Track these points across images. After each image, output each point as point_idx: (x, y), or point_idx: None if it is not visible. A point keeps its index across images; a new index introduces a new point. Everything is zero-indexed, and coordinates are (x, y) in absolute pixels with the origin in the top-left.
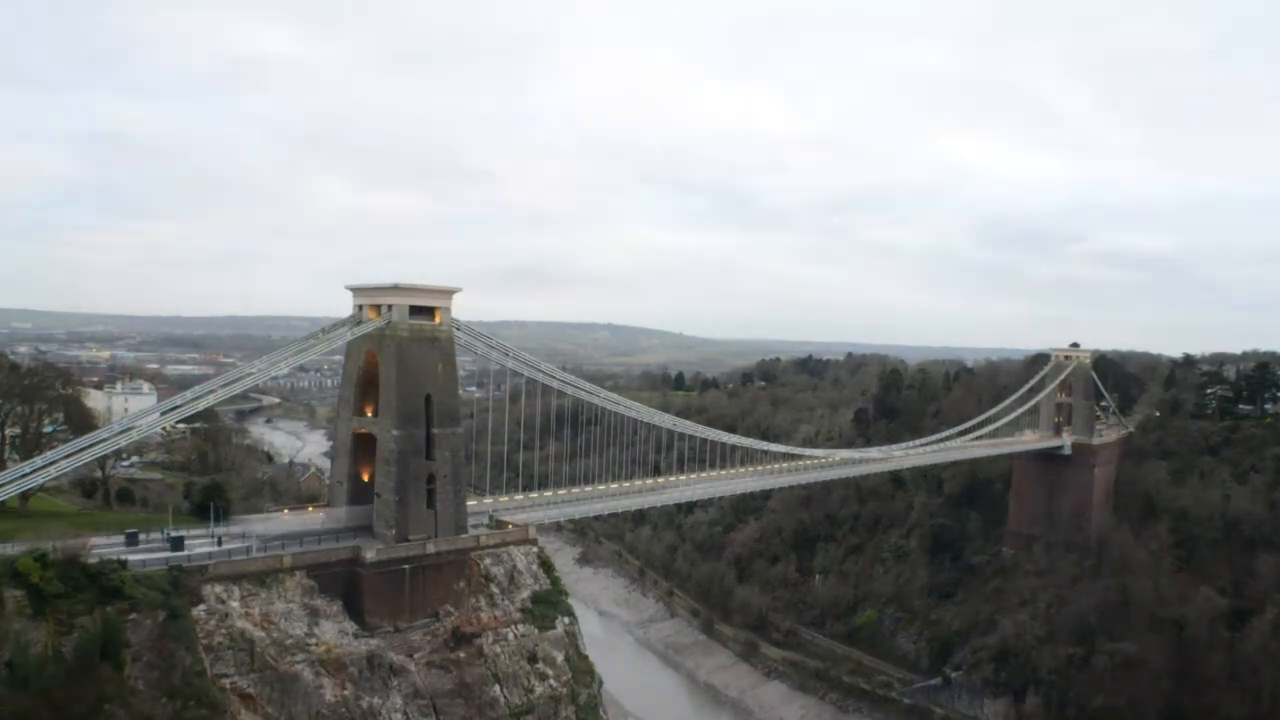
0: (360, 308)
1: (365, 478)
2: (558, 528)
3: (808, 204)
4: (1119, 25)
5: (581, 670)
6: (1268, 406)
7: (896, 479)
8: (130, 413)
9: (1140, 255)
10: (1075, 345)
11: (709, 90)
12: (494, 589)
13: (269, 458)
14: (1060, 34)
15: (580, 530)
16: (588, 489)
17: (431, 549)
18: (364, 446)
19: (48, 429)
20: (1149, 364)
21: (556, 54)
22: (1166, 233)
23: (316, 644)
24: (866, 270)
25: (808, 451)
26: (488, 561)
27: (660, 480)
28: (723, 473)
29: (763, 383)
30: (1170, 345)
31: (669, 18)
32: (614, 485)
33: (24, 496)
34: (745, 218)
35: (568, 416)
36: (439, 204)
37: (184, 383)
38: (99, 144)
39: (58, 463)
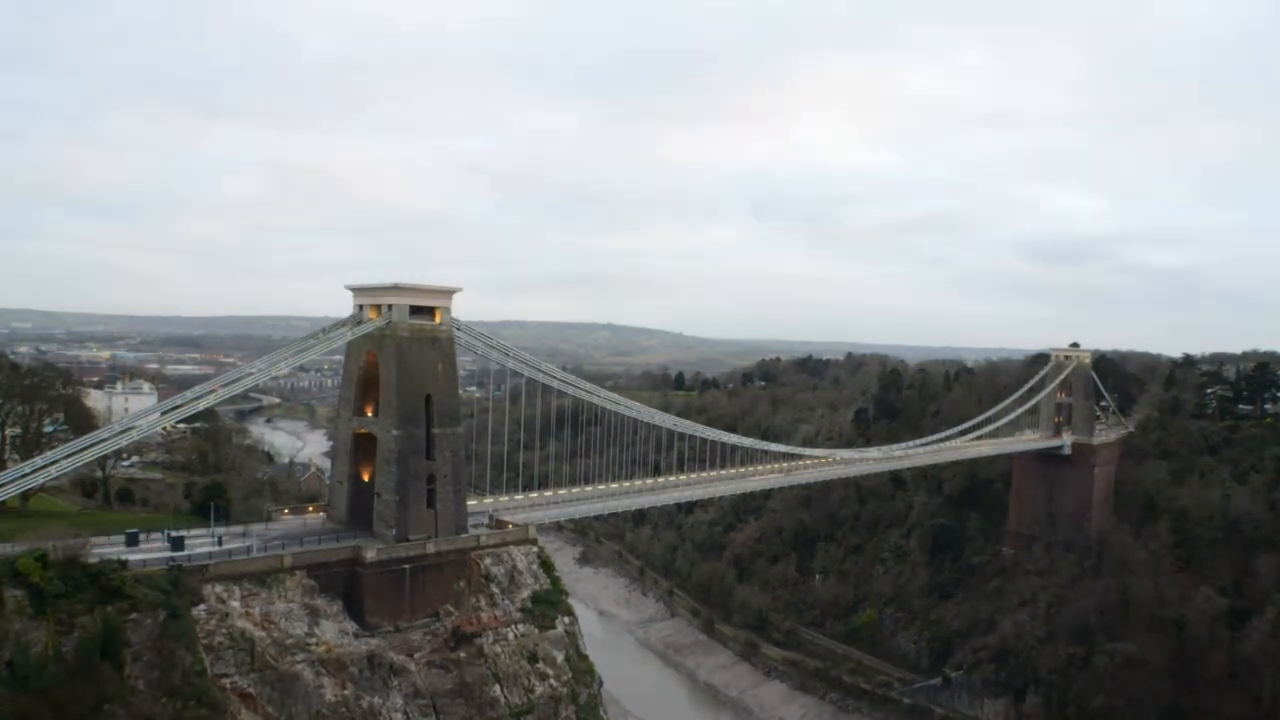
0: (360, 307)
1: (365, 478)
2: (558, 528)
3: (883, 224)
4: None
5: (581, 670)
6: (1268, 406)
7: (896, 479)
8: (130, 413)
9: (1161, 268)
10: (1075, 345)
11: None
12: (494, 589)
13: (269, 458)
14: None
15: (580, 530)
16: (588, 489)
17: (432, 549)
18: (364, 446)
19: (48, 429)
20: (1149, 364)
21: None
22: (1191, 250)
23: (317, 644)
24: (918, 279)
25: (808, 451)
26: (488, 561)
27: (660, 480)
28: (723, 473)
29: (763, 383)
30: (1170, 345)
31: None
32: (614, 485)
33: (24, 496)
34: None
35: (568, 416)
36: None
37: (184, 383)
38: None
39: (58, 463)
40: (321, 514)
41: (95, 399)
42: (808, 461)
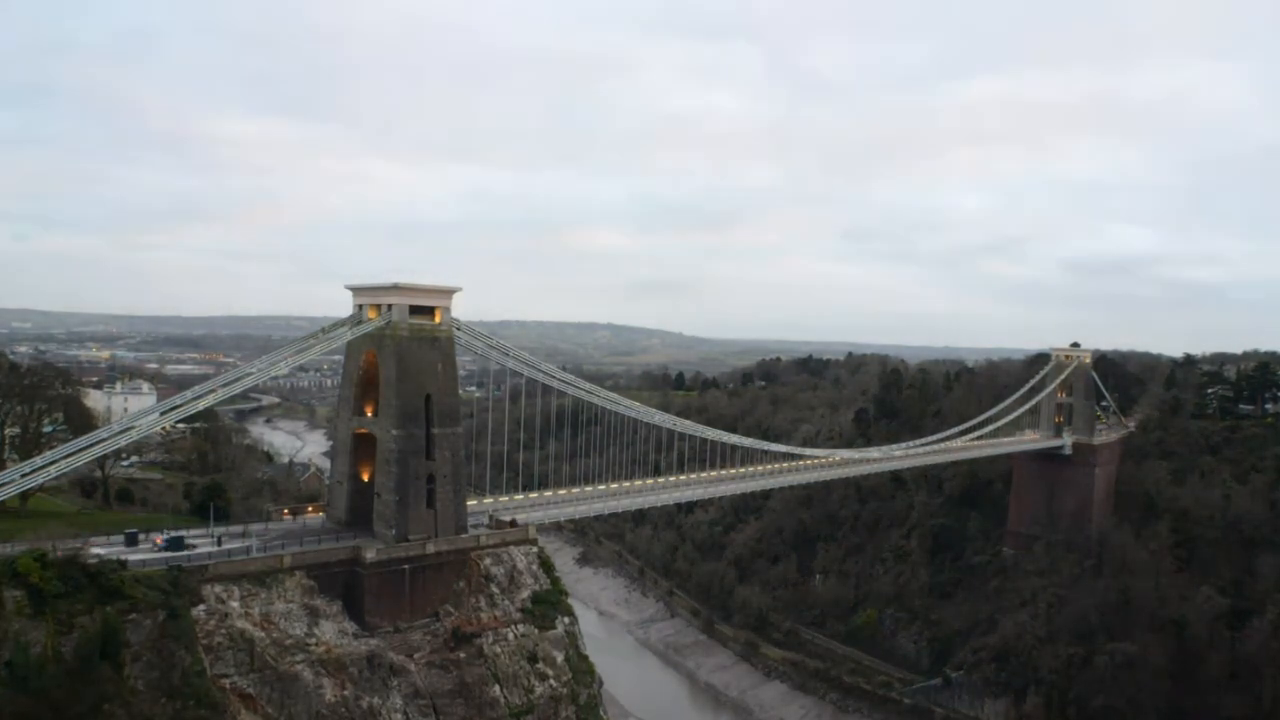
0: (360, 307)
1: (365, 477)
2: (558, 528)
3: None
4: None
5: (581, 670)
6: (1268, 406)
7: (897, 479)
8: (130, 413)
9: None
10: (1076, 345)
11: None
12: (494, 589)
13: (269, 458)
14: None
15: (580, 530)
16: (588, 489)
17: (431, 549)
18: (364, 446)
19: (47, 429)
20: (1149, 364)
21: None
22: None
23: (316, 644)
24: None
25: (808, 451)
26: (488, 561)
27: (660, 480)
28: (723, 473)
29: (763, 383)
30: (1170, 345)
31: None
32: (614, 485)
33: (24, 496)
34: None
35: (568, 416)
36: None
37: (184, 383)
38: None
39: (58, 463)
40: (321, 514)
41: (94, 399)
42: (808, 461)
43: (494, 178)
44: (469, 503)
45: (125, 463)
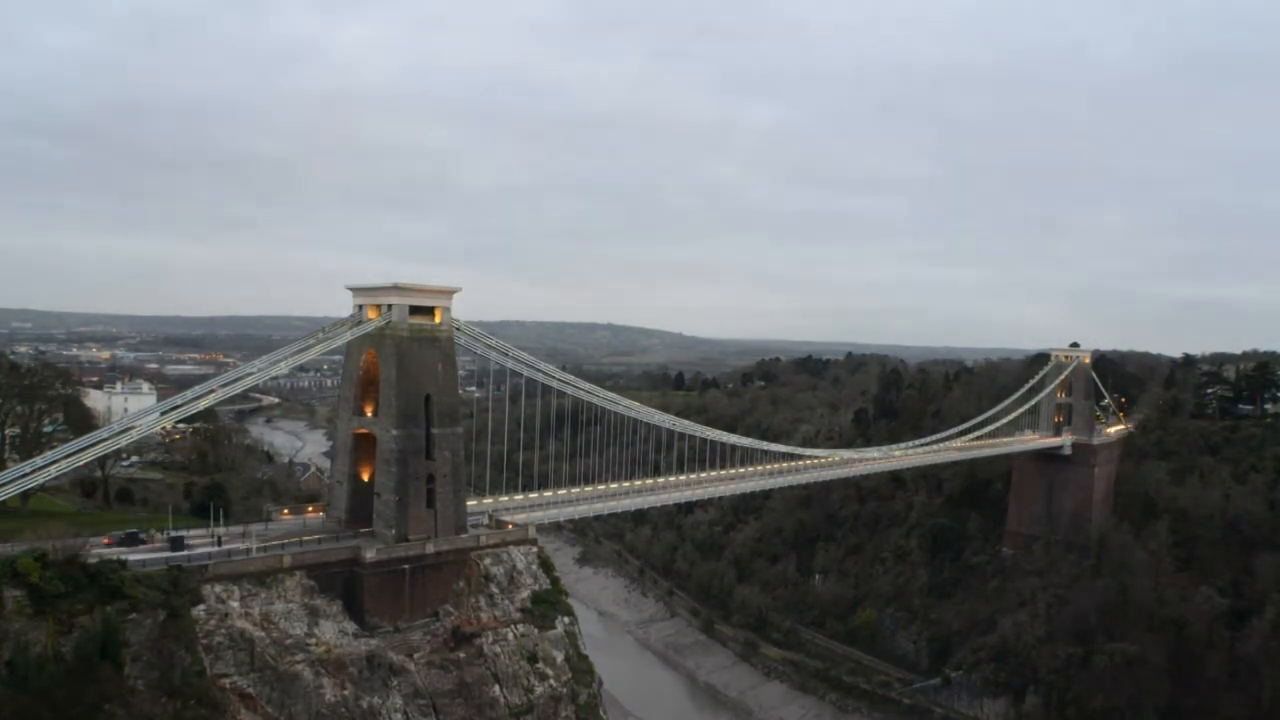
0: (360, 307)
1: (365, 477)
2: (558, 528)
3: None
4: None
5: (581, 670)
6: (1267, 406)
7: (896, 479)
8: (130, 413)
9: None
10: (1075, 345)
11: None
12: (494, 589)
13: (269, 458)
14: None
15: (580, 530)
16: (588, 489)
17: (431, 549)
18: (364, 446)
19: (48, 429)
20: (1149, 364)
21: None
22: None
23: (316, 644)
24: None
25: (808, 451)
26: (487, 561)
27: (660, 480)
28: (723, 473)
29: (763, 383)
30: (1170, 345)
31: None
32: (614, 485)
33: (24, 496)
34: None
35: (568, 416)
36: None
37: (184, 383)
38: None
39: (58, 463)
40: (321, 514)
41: (95, 399)
42: (807, 461)
43: None
44: (469, 503)
45: (125, 463)
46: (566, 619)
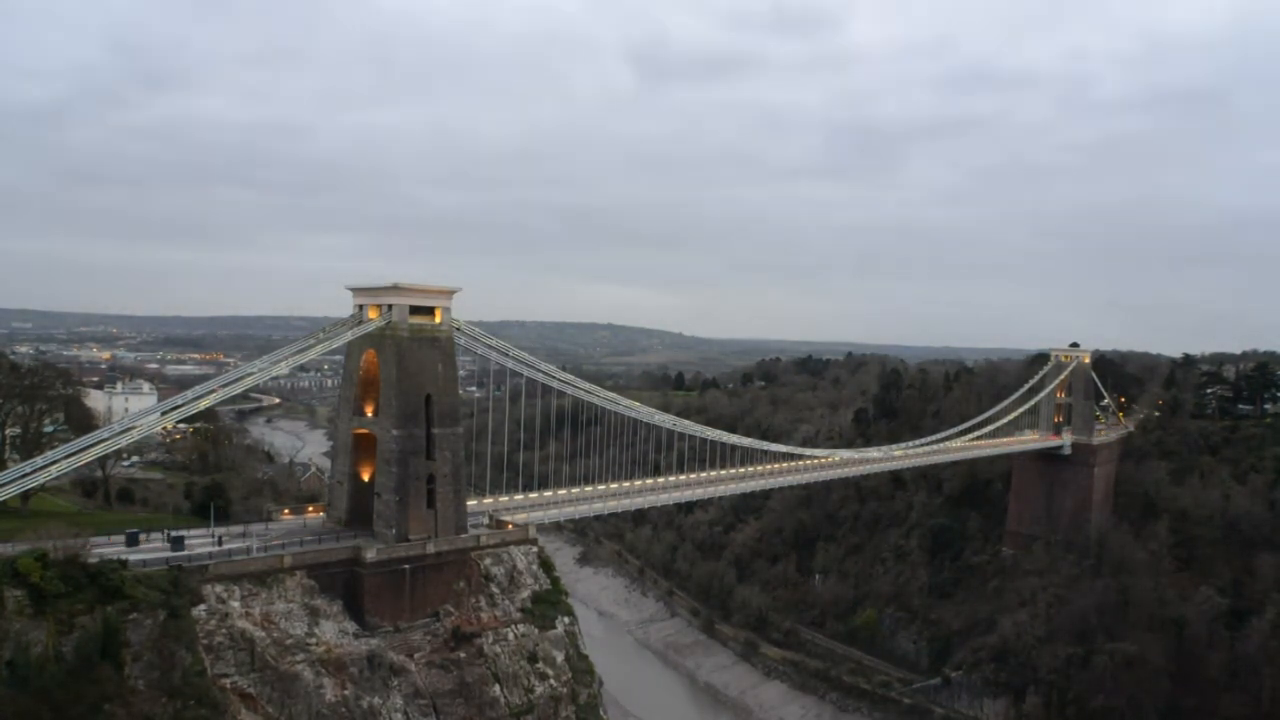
0: (360, 308)
1: (365, 477)
2: (558, 528)
3: None
4: None
5: (581, 670)
6: (1267, 406)
7: (896, 479)
8: (130, 413)
9: None
10: (1075, 345)
11: None
12: (494, 589)
13: (269, 458)
14: None
15: (580, 530)
16: (588, 489)
17: (431, 549)
18: (364, 446)
19: (48, 429)
20: (1149, 364)
21: None
22: None
23: (317, 644)
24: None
25: (808, 451)
26: (488, 561)
27: (660, 480)
28: (723, 473)
29: (763, 383)
30: (1170, 345)
31: None
32: (614, 485)
33: (24, 496)
34: None
35: (568, 416)
36: None
37: (184, 383)
38: None
39: (58, 463)
40: (321, 514)
41: (95, 399)
42: (807, 461)
43: None
44: (469, 503)
45: (126, 463)
46: (567, 619)
